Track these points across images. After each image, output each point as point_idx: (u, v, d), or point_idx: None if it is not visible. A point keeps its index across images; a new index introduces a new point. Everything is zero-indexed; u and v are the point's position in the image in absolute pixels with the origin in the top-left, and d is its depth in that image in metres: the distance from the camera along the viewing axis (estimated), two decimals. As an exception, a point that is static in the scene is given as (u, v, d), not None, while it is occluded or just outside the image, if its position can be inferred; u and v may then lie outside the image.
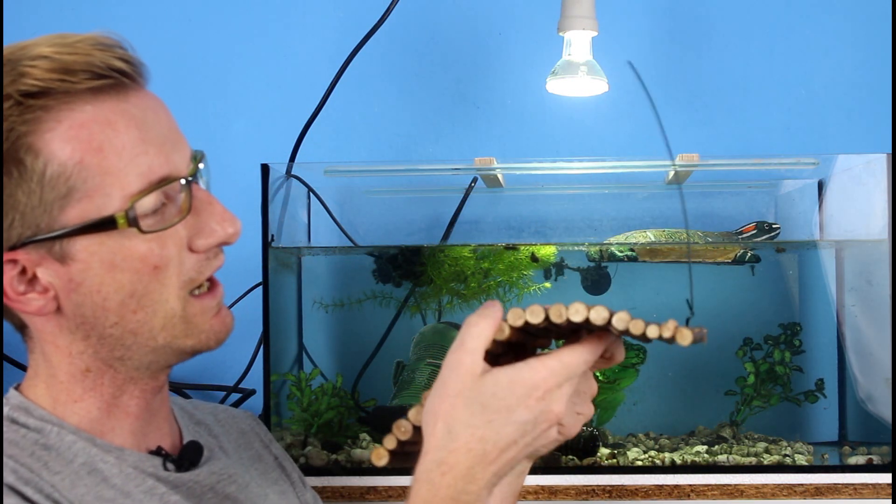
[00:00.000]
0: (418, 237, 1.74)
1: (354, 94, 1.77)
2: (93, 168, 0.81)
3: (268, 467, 1.05)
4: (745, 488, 1.36)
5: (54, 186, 0.80)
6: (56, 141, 0.80)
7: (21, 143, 0.80)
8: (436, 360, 1.63)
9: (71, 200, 0.81)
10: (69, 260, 0.83)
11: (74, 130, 0.81)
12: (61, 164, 0.80)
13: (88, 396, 0.88)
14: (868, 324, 1.54)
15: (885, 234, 1.45)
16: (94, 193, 0.81)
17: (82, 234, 0.81)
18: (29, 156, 0.80)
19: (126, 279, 0.84)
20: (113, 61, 0.83)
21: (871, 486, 1.36)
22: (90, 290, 0.84)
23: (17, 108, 0.80)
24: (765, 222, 1.62)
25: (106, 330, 0.85)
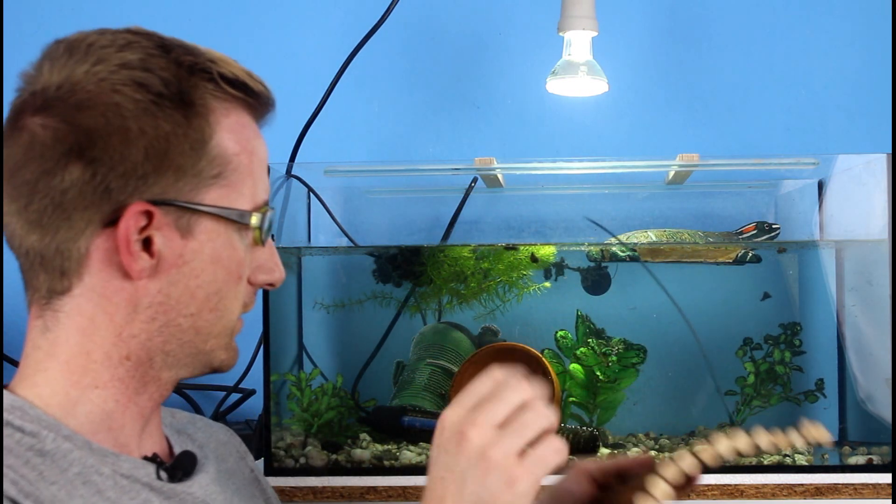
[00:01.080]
0: (418, 237, 1.74)
1: (354, 94, 1.77)
2: (243, 166, 0.87)
3: (245, 482, 1.03)
4: (745, 488, 1.36)
5: (212, 165, 0.85)
6: (225, 128, 0.86)
7: (207, 114, 0.85)
8: (436, 360, 1.63)
9: (218, 184, 0.86)
10: (190, 236, 0.85)
11: (239, 128, 0.88)
12: (225, 150, 0.86)
13: (112, 386, 0.86)
14: (868, 324, 1.54)
15: (885, 234, 1.45)
16: (235, 187, 0.87)
17: (217, 216, 0.86)
18: (208, 128, 0.85)
19: (221, 276, 0.87)
20: (266, 90, 0.92)
21: (871, 486, 1.36)
22: (192, 272, 0.86)
23: (213, 85, 0.86)
24: (765, 222, 1.62)
25: (178, 318, 0.86)
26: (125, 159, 0.82)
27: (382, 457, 1.43)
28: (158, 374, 0.88)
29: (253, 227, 0.88)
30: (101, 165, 0.82)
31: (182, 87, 0.84)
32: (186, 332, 0.87)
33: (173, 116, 0.83)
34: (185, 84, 0.84)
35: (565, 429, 1.45)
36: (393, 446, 1.47)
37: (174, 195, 0.83)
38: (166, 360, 0.87)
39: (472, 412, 0.81)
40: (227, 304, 0.88)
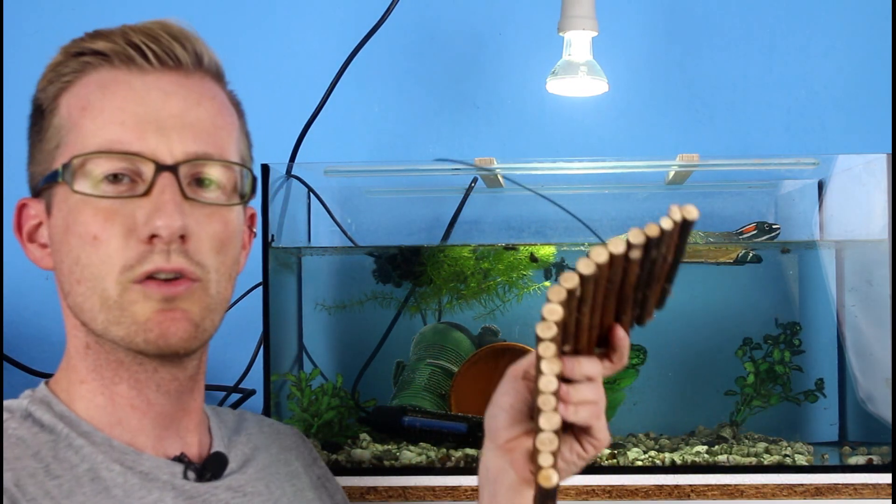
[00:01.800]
0: (418, 237, 1.74)
1: (354, 94, 1.77)
2: (74, 125, 0.84)
3: (305, 486, 1.02)
4: (745, 488, 1.36)
5: (52, 139, 0.85)
6: (66, 98, 0.86)
7: (50, 98, 0.87)
8: (436, 361, 1.63)
9: (57, 153, 0.85)
10: (51, 213, 0.86)
11: (79, 89, 0.86)
12: (60, 117, 0.85)
13: (91, 378, 0.87)
14: (868, 324, 1.54)
15: (885, 234, 1.45)
16: (69, 148, 0.84)
17: (47, 181, 0.85)
18: (49, 109, 0.86)
19: (73, 243, 0.83)
20: (135, 37, 0.87)
21: (871, 486, 1.36)
22: (57, 248, 0.86)
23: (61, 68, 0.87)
24: (765, 223, 1.62)
25: (67, 298, 0.86)
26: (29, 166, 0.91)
27: (382, 457, 1.43)
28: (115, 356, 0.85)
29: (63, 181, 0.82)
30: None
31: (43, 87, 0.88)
32: (81, 312, 0.84)
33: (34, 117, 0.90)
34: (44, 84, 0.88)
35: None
36: (393, 446, 1.47)
37: (35, 183, 0.88)
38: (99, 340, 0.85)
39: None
40: (92, 271, 0.82)
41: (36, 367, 1.60)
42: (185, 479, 0.87)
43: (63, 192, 0.84)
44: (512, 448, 0.88)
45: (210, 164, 0.86)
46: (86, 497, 0.81)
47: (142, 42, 0.86)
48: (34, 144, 0.88)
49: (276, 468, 0.99)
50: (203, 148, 0.86)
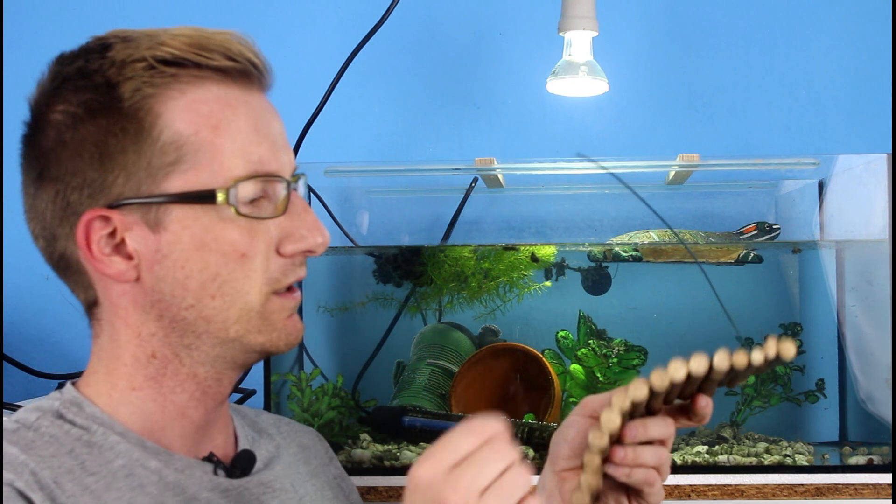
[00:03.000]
0: (418, 237, 1.74)
1: (354, 94, 1.77)
2: (205, 143, 0.83)
3: (323, 485, 1.03)
4: (746, 488, 1.36)
5: (165, 152, 0.82)
6: (177, 110, 0.83)
7: (144, 103, 0.82)
8: (436, 361, 1.63)
9: (177, 170, 0.82)
10: (161, 229, 0.83)
11: (196, 104, 0.83)
12: (176, 133, 0.82)
13: (147, 386, 0.87)
14: (868, 324, 1.54)
15: (886, 234, 1.45)
16: (200, 168, 0.83)
17: (181, 202, 0.82)
18: (148, 117, 0.82)
19: (212, 260, 0.84)
20: (247, 52, 0.88)
21: (871, 486, 1.36)
22: (175, 264, 0.84)
23: (148, 72, 0.83)
24: (765, 223, 1.62)
25: (181, 312, 0.85)
26: (76, 172, 0.83)
27: (383, 457, 1.43)
28: (192, 370, 0.87)
29: (229, 204, 0.83)
30: (59, 182, 0.84)
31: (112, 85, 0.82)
32: (198, 324, 0.85)
33: (105, 117, 0.82)
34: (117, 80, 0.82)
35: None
36: (393, 446, 1.47)
37: (131, 194, 0.83)
38: (192, 356, 0.86)
39: (452, 474, 0.74)
40: (235, 286, 0.84)
41: (36, 367, 1.60)
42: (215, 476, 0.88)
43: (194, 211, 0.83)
44: (565, 478, 0.91)
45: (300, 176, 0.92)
46: (121, 492, 0.81)
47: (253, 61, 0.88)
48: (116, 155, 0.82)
49: (297, 467, 1.00)
50: (294, 160, 0.92)
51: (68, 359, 1.78)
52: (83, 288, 0.88)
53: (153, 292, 0.85)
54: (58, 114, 0.84)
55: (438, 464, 0.74)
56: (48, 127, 0.84)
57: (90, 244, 0.83)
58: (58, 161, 0.84)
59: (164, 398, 0.87)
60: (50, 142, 0.84)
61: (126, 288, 0.85)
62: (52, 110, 0.84)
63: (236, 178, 0.83)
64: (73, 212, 0.84)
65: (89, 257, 0.84)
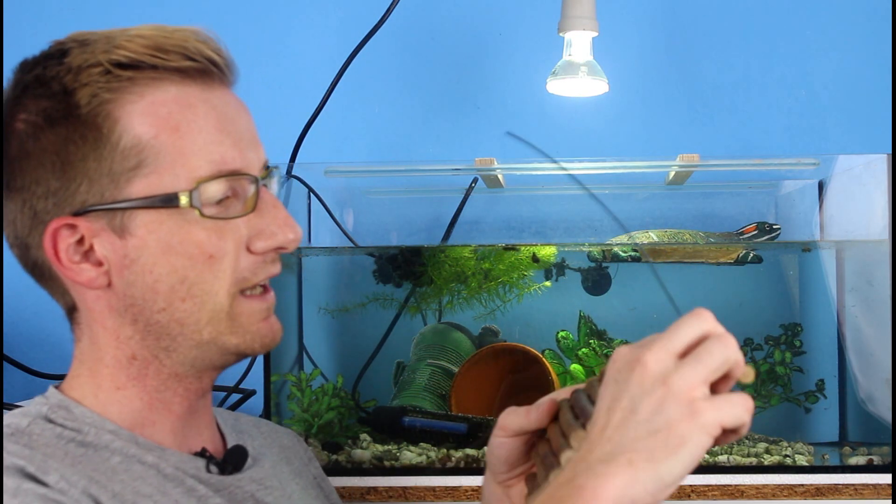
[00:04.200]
0: (418, 237, 1.74)
1: (354, 94, 1.77)
2: (166, 146, 0.82)
3: (307, 484, 1.04)
4: (746, 489, 1.36)
5: (126, 157, 0.82)
6: (136, 114, 0.82)
7: (101, 109, 0.81)
8: (436, 361, 1.63)
9: (139, 174, 0.82)
10: (127, 234, 0.83)
11: (155, 107, 0.82)
12: (136, 137, 0.82)
13: (132, 385, 0.87)
14: (868, 324, 1.54)
15: (886, 234, 1.44)
16: (163, 171, 0.82)
17: (145, 207, 0.82)
18: (107, 123, 0.81)
19: (179, 263, 0.83)
20: (206, 50, 0.86)
21: (871, 486, 1.36)
22: (143, 269, 0.83)
23: (104, 77, 0.82)
24: (765, 223, 1.62)
25: (153, 315, 0.85)
26: (40, 181, 0.83)
27: (383, 457, 1.43)
28: (173, 370, 0.87)
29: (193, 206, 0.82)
30: (25, 192, 0.84)
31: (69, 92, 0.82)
32: (171, 327, 0.85)
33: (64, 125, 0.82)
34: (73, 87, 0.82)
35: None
36: (393, 447, 1.47)
37: (95, 200, 0.82)
38: (171, 357, 0.87)
39: (649, 341, 0.71)
40: (203, 287, 0.84)
41: (36, 368, 1.60)
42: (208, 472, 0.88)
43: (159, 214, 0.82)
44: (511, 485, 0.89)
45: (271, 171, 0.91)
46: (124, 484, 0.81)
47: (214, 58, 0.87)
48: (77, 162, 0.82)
49: (281, 466, 1.00)
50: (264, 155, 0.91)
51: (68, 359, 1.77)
52: (60, 294, 0.88)
53: (125, 297, 0.85)
54: (20, 122, 0.83)
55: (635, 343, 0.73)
56: (12, 136, 0.84)
57: (58, 252, 0.84)
58: (21, 171, 0.83)
59: (150, 396, 0.88)
60: (14, 151, 0.83)
61: (99, 293, 0.86)
62: (15, 119, 0.84)
63: (199, 179, 0.83)
64: (39, 221, 0.84)
65: (59, 265, 0.84)
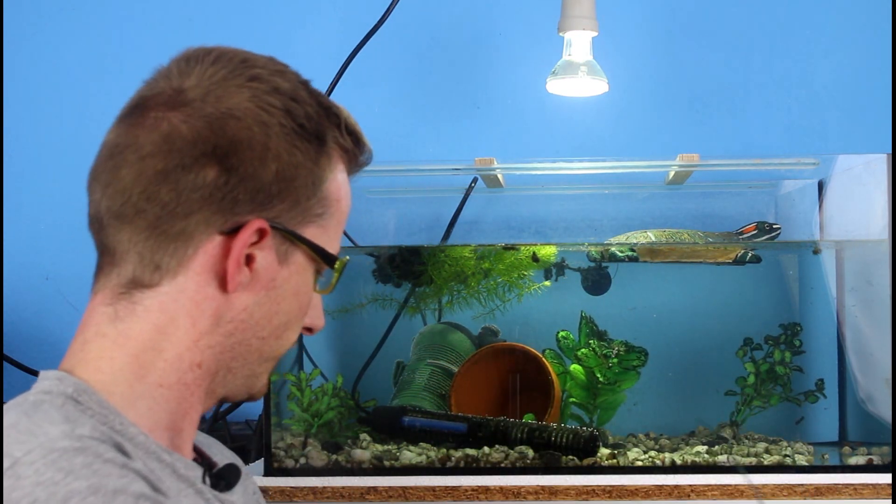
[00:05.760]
0: (418, 237, 1.74)
1: (354, 94, 1.77)
2: (339, 213, 0.91)
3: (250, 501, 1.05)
4: (746, 488, 1.36)
5: (320, 203, 0.89)
6: (337, 174, 0.91)
7: (330, 159, 0.89)
8: (436, 361, 1.63)
9: (317, 223, 0.89)
10: (285, 263, 0.88)
11: (343, 177, 0.92)
12: (331, 192, 0.89)
13: (177, 388, 0.85)
14: (868, 324, 1.55)
15: (885, 234, 1.45)
16: (327, 230, 0.90)
17: (312, 251, 0.89)
18: (327, 170, 0.89)
19: (295, 308, 0.90)
20: (370, 151, 0.95)
21: (871, 486, 1.36)
22: (277, 297, 0.88)
23: (338, 131, 0.90)
24: (765, 222, 1.62)
25: (251, 339, 0.88)
26: (257, 176, 0.84)
27: (382, 457, 1.43)
28: (216, 387, 0.89)
29: (334, 271, 0.91)
30: (235, 175, 0.83)
31: (320, 124, 0.88)
32: (253, 353, 0.89)
33: (308, 149, 0.87)
34: (323, 122, 0.89)
35: (565, 429, 1.45)
36: (393, 446, 1.47)
37: (285, 221, 0.86)
38: (226, 377, 0.88)
39: None
40: (290, 335, 0.91)
41: (36, 367, 1.60)
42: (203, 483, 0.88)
43: (310, 262, 0.90)
44: None
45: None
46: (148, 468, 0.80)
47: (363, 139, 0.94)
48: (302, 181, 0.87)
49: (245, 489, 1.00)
50: None
51: (68, 359, 1.77)
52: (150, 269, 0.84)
53: (242, 311, 0.86)
54: (266, 115, 0.86)
55: None
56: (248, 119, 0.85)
57: (241, 246, 0.85)
58: (246, 156, 0.84)
59: (190, 405, 0.87)
60: (246, 134, 0.84)
61: (217, 294, 0.85)
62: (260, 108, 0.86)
63: (333, 253, 0.91)
64: (233, 207, 0.84)
65: (230, 257, 0.84)
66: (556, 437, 1.43)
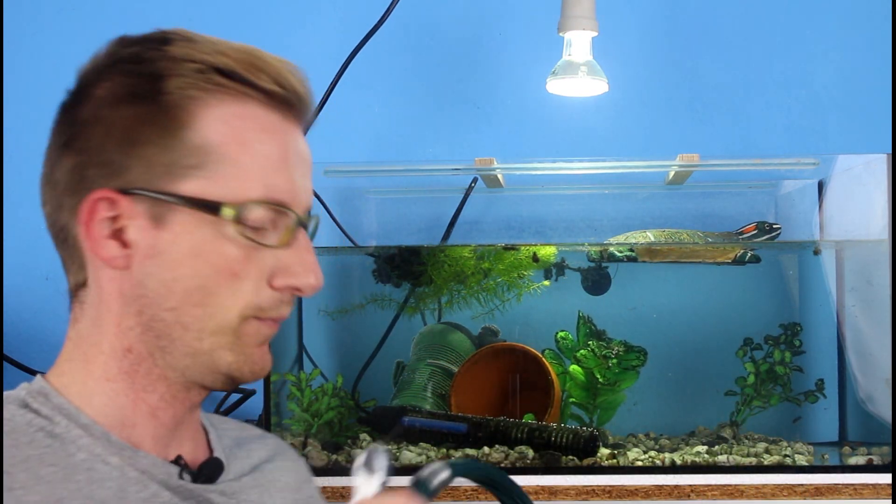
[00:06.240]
0: (418, 237, 1.74)
1: (354, 94, 1.77)
2: (230, 158, 0.84)
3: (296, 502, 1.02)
4: (745, 488, 1.37)
5: (189, 154, 0.83)
6: (213, 118, 0.84)
7: (184, 102, 0.83)
8: (436, 361, 1.63)
9: (195, 174, 0.83)
10: (163, 226, 0.84)
11: (234, 118, 0.85)
12: (205, 139, 0.83)
13: (121, 379, 0.87)
14: (868, 324, 1.55)
15: (885, 234, 1.45)
16: (218, 179, 0.84)
17: (190, 206, 0.83)
18: (184, 116, 0.83)
19: (203, 270, 0.84)
20: (297, 84, 0.87)
21: (871, 486, 1.36)
22: (167, 263, 0.84)
23: (199, 75, 0.84)
24: (765, 222, 1.62)
25: (160, 312, 0.85)
26: (103, 149, 0.84)
27: (382, 457, 1.43)
28: (164, 371, 0.87)
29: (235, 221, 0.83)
30: (83, 154, 0.84)
31: (159, 77, 0.84)
32: (173, 328, 0.85)
33: (144, 105, 0.84)
34: (166, 74, 0.84)
35: (565, 429, 1.45)
36: (393, 446, 1.47)
37: (144, 184, 0.83)
38: (165, 358, 0.86)
39: None
40: (219, 300, 0.84)
41: (36, 367, 1.60)
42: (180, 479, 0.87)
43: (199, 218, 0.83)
44: None
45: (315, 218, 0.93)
46: (79, 485, 0.81)
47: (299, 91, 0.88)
48: (140, 141, 0.84)
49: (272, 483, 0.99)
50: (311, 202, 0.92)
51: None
52: (76, 265, 0.88)
53: (139, 286, 0.85)
54: (102, 90, 0.85)
55: None
56: (89, 100, 0.85)
57: (91, 222, 0.84)
58: (87, 135, 0.85)
59: (136, 395, 0.87)
60: (86, 114, 0.85)
61: (115, 275, 0.85)
62: (98, 86, 0.85)
63: (249, 199, 0.84)
64: (85, 186, 0.84)
65: (86, 235, 0.84)
66: (556, 437, 1.43)
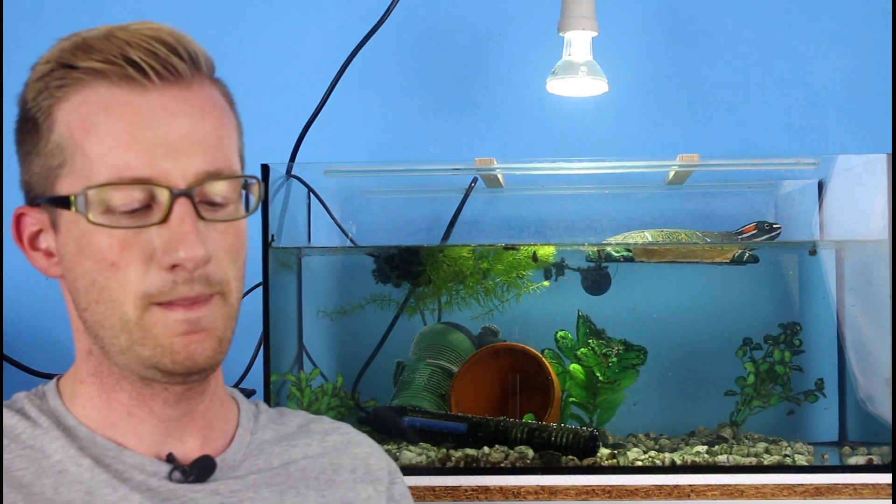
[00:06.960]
0: (418, 237, 1.74)
1: (354, 94, 1.77)
2: (78, 147, 0.82)
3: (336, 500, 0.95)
4: (745, 488, 1.37)
5: (53, 155, 0.84)
6: (64, 112, 0.83)
7: (42, 105, 0.84)
8: (436, 361, 1.63)
9: (61, 173, 0.83)
10: (58, 229, 0.85)
11: (79, 107, 0.83)
12: (60, 136, 0.83)
13: (91, 381, 0.89)
14: (868, 324, 1.55)
15: (885, 234, 1.45)
16: (74, 172, 0.83)
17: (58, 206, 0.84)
18: (46, 120, 0.84)
19: (88, 266, 0.83)
20: (132, 53, 0.83)
21: (871, 486, 1.36)
22: (66, 266, 0.86)
23: (50, 75, 0.85)
24: (765, 222, 1.62)
25: (82, 313, 0.86)
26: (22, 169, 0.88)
27: (382, 457, 1.43)
28: (120, 372, 0.87)
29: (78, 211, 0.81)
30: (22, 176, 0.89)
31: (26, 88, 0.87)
32: (95, 328, 0.85)
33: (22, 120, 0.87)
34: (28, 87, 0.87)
35: (565, 429, 1.45)
36: (393, 446, 1.47)
37: (39, 194, 0.86)
38: (110, 358, 0.86)
39: None
40: (111, 294, 0.82)
41: (36, 367, 1.60)
42: (169, 479, 0.87)
43: (73, 216, 0.83)
44: None
45: (221, 181, 0.85)
46: (44, 487, 0.83)
47: (140, 59, 0.83)
48: (29, 154, 0.86)
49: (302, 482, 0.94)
50: (213, 165, 0.84)
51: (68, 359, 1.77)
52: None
53: (66, 292, 0.88)
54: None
55: None
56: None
57: (20, 237, 0.88)
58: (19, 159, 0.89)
59: (108, 395, 0.88)
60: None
61: (62, 282, 0.89)
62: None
63: (95, 183, 0.81)
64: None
65: (22, 249, 0.88)
66: (556, 437, 1.43)
